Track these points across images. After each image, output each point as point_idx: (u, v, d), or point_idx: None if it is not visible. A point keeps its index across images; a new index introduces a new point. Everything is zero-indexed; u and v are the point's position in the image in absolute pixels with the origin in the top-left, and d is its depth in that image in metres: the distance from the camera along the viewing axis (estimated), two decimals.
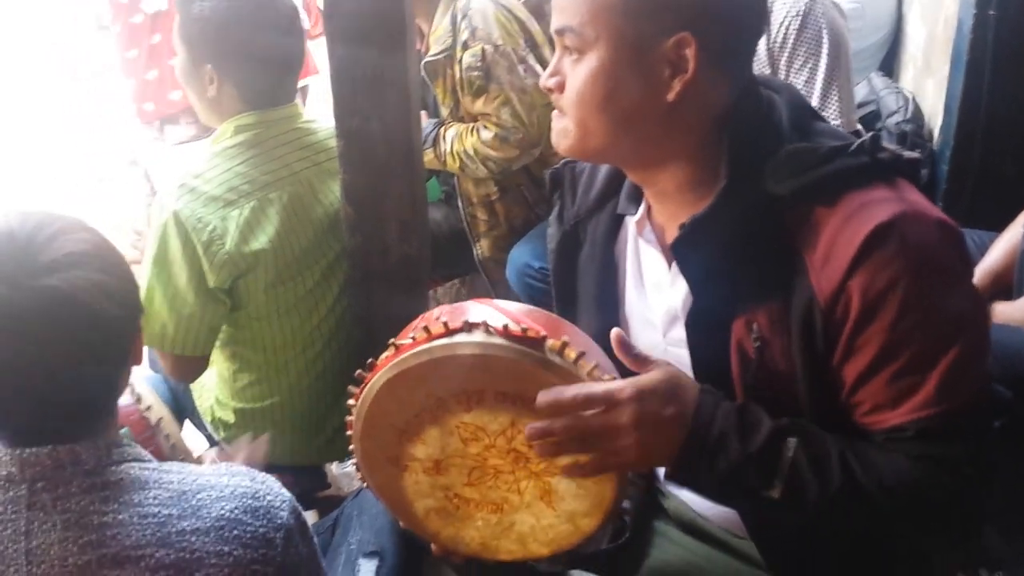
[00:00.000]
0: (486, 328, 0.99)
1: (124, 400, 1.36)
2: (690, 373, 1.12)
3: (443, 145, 2.38)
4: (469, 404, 1.04)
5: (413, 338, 1.02)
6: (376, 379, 1.06)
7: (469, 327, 1.00)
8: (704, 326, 1.09)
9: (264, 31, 1.73)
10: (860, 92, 2.82)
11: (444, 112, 2.39)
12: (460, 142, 2.34)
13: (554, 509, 1.09)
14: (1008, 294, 1.88)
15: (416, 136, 1.74)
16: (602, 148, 1.10)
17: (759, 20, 1.09)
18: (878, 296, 0.96)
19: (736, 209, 1.03)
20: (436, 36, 2.30)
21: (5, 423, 1.04)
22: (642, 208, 1.18)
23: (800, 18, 2.14)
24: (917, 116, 2.60)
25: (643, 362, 1.02)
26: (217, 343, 1.88)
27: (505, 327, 0.99)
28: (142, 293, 1.70)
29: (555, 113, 1.12)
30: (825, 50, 2.12)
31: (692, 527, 1.28)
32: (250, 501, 1.07)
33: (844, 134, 1.09)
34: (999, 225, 2.01)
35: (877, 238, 0.96)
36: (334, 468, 2.32)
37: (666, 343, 1.18)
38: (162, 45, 4.64)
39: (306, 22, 4.03)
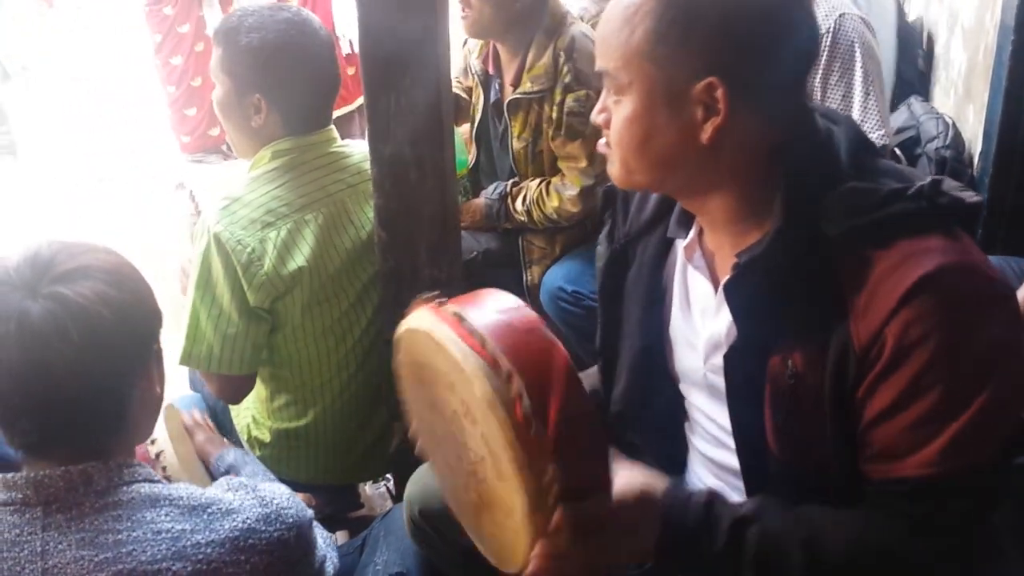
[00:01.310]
0: (510, 398, 0.95)
1: None
2: (726, 419, 1.15)
3: (513, 213, 2.40)
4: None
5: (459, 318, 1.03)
6: (420, 319, 1.09)
7: (498, 370, 0.96)
8: (741, 360, 1.10)
9: (310, 58, 1.78)
10: (900, 117, 2.80)
11: (517, 145, 2.37)
12: (539, 209, 2.35)
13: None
14: None
15: (449, 161, 1.77)
16: (647, 183, 1.14)
17: (798, 50, 1.06)
18: (910, 345, 0.96)
19: (790, 252, 1.03)
20: (534, 74, 2.29)
21: (16, 435, 1.07)
22: (692, 232, 1.19)
23: (831, 35, 2.15)
24: (957, 142, 2.57)
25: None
26: None
27: (525, 416, 0.94)
28: (187, 317, 1.76)
29: (605, 145, 1.15)
30: (859, 64, 2.13)
31: None
32: (259, 509, 1.10)
33: (904, 173, 1.07)
34: None
35: (919, 289, 0.95)
36: (367, 488, 2.34)
37: (706, 368, 1.19)
38: (202, 88, 4.78)
39: (346, 47, 4.12)
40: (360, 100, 4.36)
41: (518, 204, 2.39)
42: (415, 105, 1.66)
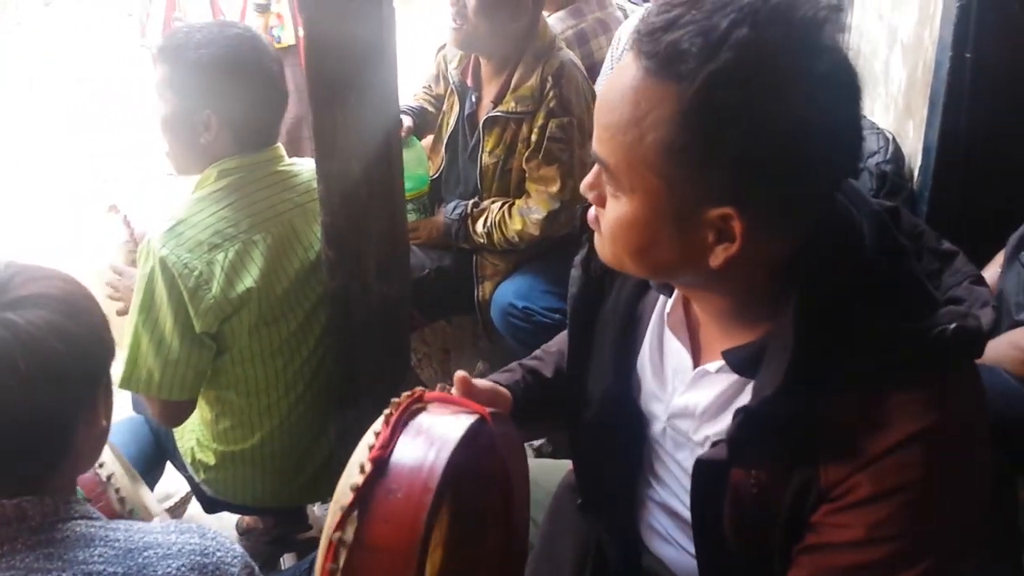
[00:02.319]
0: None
1: None
2: (689, 464, 1.10)
3: (472, 235, 2.40)
4: None
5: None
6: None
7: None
8: (711, 467, 1.03)
9: (261, 74, 1.76)
10: None
11: (487, 160, 2.36)
12: (500, 232, 2.35)
13: None
14: None
15: (397, 178, 1.76)
16: (640, 276, 1.08)
17: (835, 171, 0.93)
18: (881, 493, 0.91)
19: (797, 394, 0.92)
20: (519, 95, 2.29)
21: None
22: (676, 296, 1.12)
23: None
24: (897, 157, 2.61)
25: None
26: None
27: None
28: (128, 339, 1.72)
29: (592, 219, 1.04)
30: None
31: None
32: (198, 558, 1.05)
33: (928, 294, 0.96)
34: (977, 265, 2.01)
35: (906, 443, 0.90)
36: (316, 509, 2.31)
37: (668, 425, 1.15)
38: None
39: None
40: None
41: (479, 226, 2.38)
42: (362, 121, 1.65)
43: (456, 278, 2.50)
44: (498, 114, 2.31)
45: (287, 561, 2.18)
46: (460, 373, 1.11)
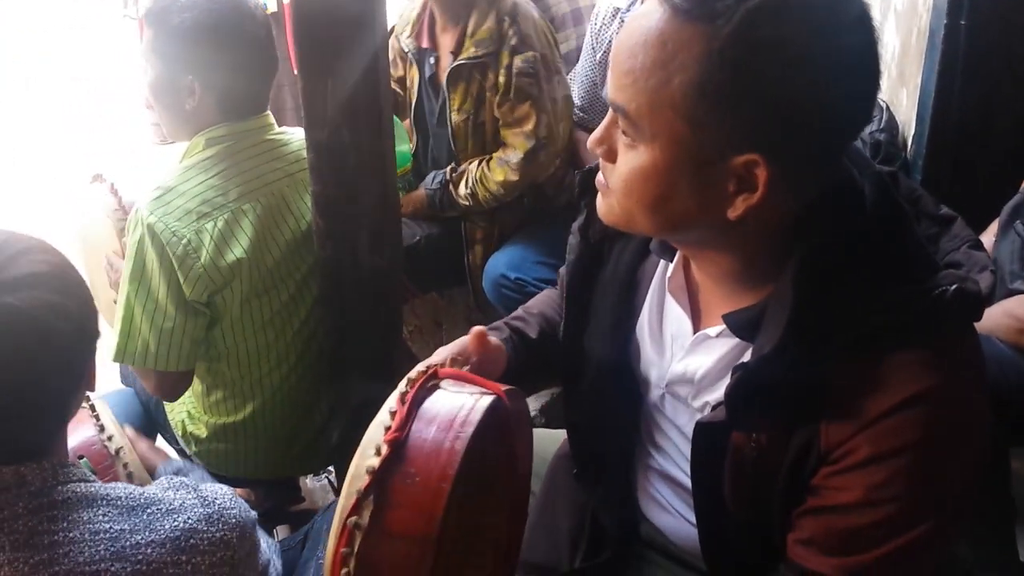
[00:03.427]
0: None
1: (88, 431, 1.36)
2: (682, 429, 1.12)
3: (457, 199, 2.38)
4: None
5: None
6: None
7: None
8: (711, 431, 1.03)
9: (244, 39, 1.73)
10: None
11: (456, 119, 2.35)
12: (483, 187, 2.34)
13: None
14: None
15: (388, 147, 1.74)
16: (648, 234, 1.05)
17: (855, 126, 0.94)
18: (881, 455, 0.91)
19: (795, 354, 0.92)
20: (478, 38, 2.28)
21: None
22: (677, 259, 1.10)
23: None
24: (891, 126, 2.60)
25: None
26: None
27: None
28: (120, 312, 1.70)
29: (600, 181, 1.01)
30: None
31: (664, 551, 1.28)
32: (201, 509, 1.08)
33: (927, 258, 0.97)
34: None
35: (907, 405, 0.90)
36: (308, 481, 2.31)
37: (666, 390, 1.15)
38: None
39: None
40: None
41: (461, 188, 2.37)
42: (352, 89, 1.62)
43: (446, 247, 2.49)
44: (461, 63, 2.29)
45: (280, 533, 2.18)
46: (477, 328, 1.10)
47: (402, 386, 0.98)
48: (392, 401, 0.97)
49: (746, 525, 1.06)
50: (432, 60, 2.42)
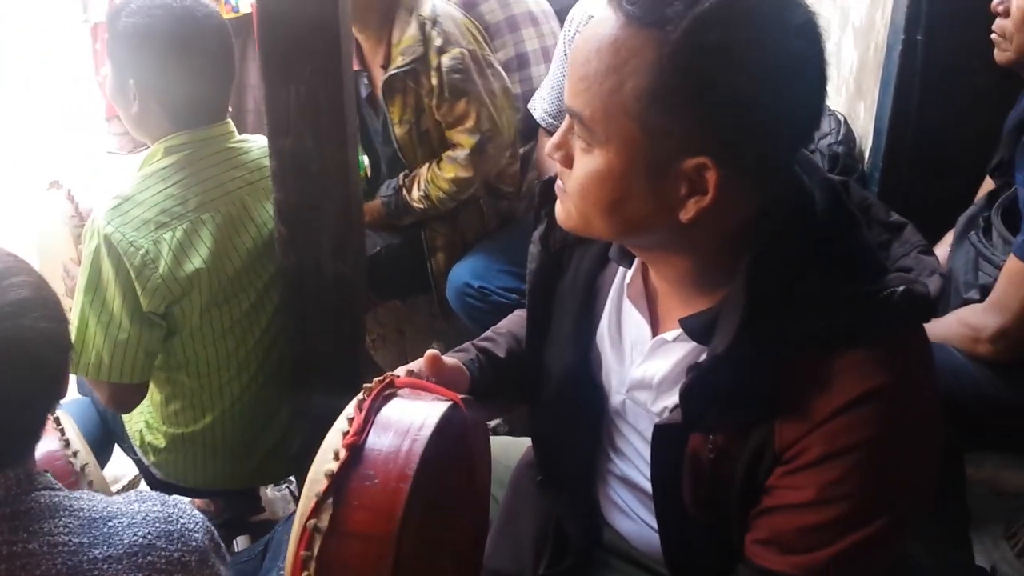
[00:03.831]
0: None
1: (52, 444, 1.35)
2: (643, 434, 1.13)
3: (411, 204, 2.37)
4: None
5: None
6: None
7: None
8: (669, 433, 1.04)
9: (186, 47, 1.70)
10: None
11: (400, 132, 2.34)
12: (436, 187, 2.32)
13: None
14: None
15: (352, 155, 1.73)
16: (605, 238, 1.06)
17: (804, 131, 0.96)
18: (835, 452, 0.93)
19: (749, 358, 0.94)
20: (403, 47, 2.27)
21: None
22: (636, 265, 1.12)
23: None
24: (849, 138, 2.64)
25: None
26: None
27: None
28: (74, 322, 1.67)
29: (559, 187, 1.03)
30: None
31: (627, 557, 1.29)
32: (163, 525, 1.05)
33: (876, 259, 0.99)
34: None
35: (859, 402, 0.91)
36: (268, 491, 2.29)
37: (627, 396, 1.15)
38: None
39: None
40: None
41: (414, 192, 2.36)
42: (316, 96, 1.62)
43: (407, 255, 2.49)
44: (393, 73, 2.28)
45: (240, 544, 2.16)
46: (431, 352, 1.11)
47: (360, 395, 1.00)
48: (350, 408, 0.98)
49: (706, 528, 1.07)
50: (365, 81, 2.42)
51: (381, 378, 1.03)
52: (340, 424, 0.97)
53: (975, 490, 1.87)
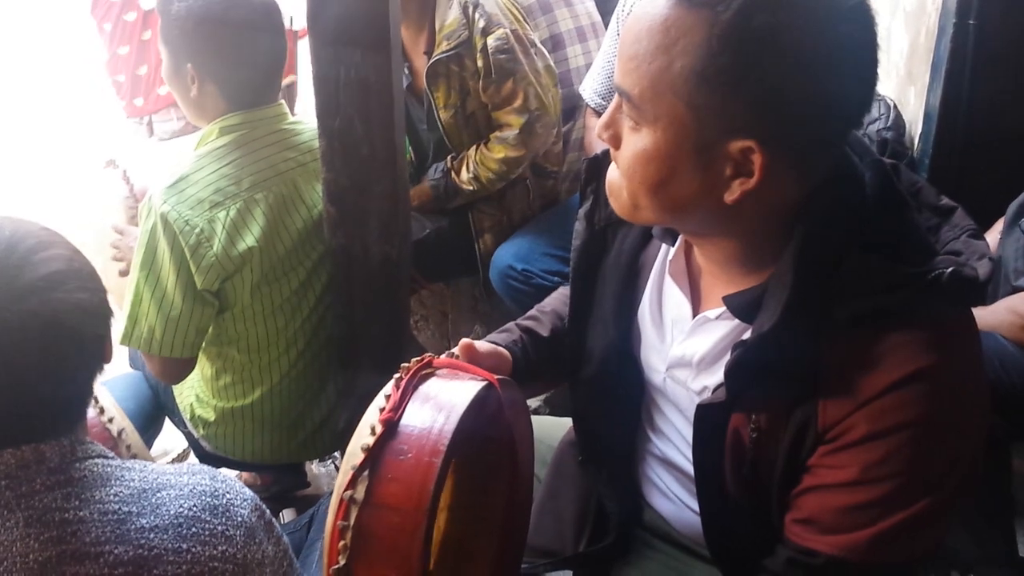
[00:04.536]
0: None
1: (88, 413, 1.38)
2: (685, 413, 1.13)
3: (460, 185, 2.39)
4: None
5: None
6: None
7: None
8: (712, 411, 1.05)
9: (240, 29, 1.74)
10: None
11: (445, 116, 2.35)
12: (485, 168, 2.34)
13: None
14: (983, 301, 1.90)
15: (400, 137, 1.75)
16: (652, 221, 1.06)
17: (851, 116, 0.95)
18: (880, 432, 0.92)
19: (795, 336, 0.94)
20: (447, 32, 2.28)
21: None
22: (679, 243, 1.12)
23: None
24: (899, 124, 2.61)
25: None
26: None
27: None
28: (129, 296, 1.72)
29: (612, 164, 1.03)
30: None
31: (667, 537, 1.30)
32: (209, 499, 1.07)
33: (926, 242, 0.98)
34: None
35: (907, 382, 0.91)
36: (314, 467, 2.33)
37: (667, 375, 1.16)
38: (152, 42, 4.71)
39: (293, 22, 4.06)
40: (291, 79, 4.32)
41: (463, 174, 2.38)
42: (365, 79, 1.64)
43: (455, 239, 2.50)
44: (437, 60, 2.29)
45: (285, 517, 2.20)
46: (465, 340, 1.13)
47: (398, 374, 1.03)
48: (388, 387, 1.02)
49: (747, 508, 1.07)
50: (407, 71, 2.43)
51: (419, 358, 1.05)
52: (378, 401, 1.00)
53: (1020, 479, 1.86)
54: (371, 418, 0.98)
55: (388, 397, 1.00)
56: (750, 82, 0.87)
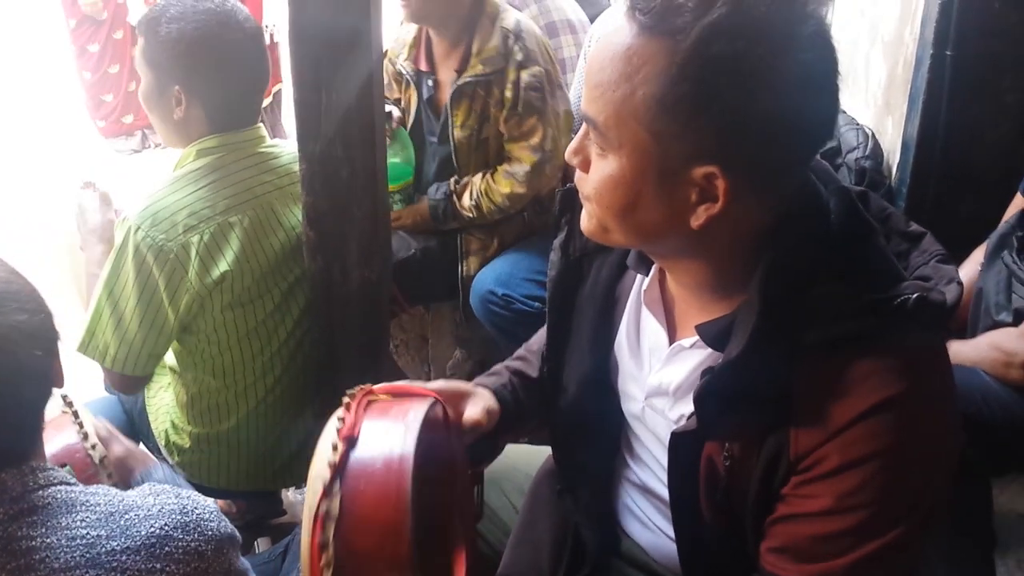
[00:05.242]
0: None
1: (71, 438, 1.36)
2: (663, 441, 1.12)
3: (460, 211, 2.40)
4: None
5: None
6: None
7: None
8: (686, 441, 1.05)
9: (232, 52, 1.74)
10: None
11: (460, 135, 2.37)
12: (488, 199, 2.35)
13: None
14: (962, 333, 1.90)
15: (381, 161, 1.75)
16: (623, 244, 1.07)
17: (814, 140, 0.96)
18: (850, 463, 0.92)
19: (763, 362, 0.95)
20: (484, 56, 2.30)
21: None
22: (653, 272, 1.13)
23: None
24: (876, 153, 2.64)
25: None
26: (176, 368, 1.88)
27: None
28: (91, 307, 1.71)
29: (582, 194, 1.04)
30: None
31: (645, 567, 1.29)
32: (179, 517, 1.06)
33: (892, 268, 0.99)
34: (955, 263, 2.03)
35: (876, 411, 0.91)
36: (290, 494, 2.30)
37: (646, 404, 1.16)
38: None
39: (275, 36, 4.09)
40: (275, 90, 4.33)
41: (465, 200, 2.38)
42: (346, 102, 1.63)
43: (441, 259, 2.50)
44: (467, 81, 2.31)
45: (261, 545, 2.17)
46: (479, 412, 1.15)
47: (345, 399, 1.06)
48: (339, 411, 1.04)
49: (722, 536, 1.07)
50: (430, 83, 2.44)
51: (360, 387, 1.09)
52: (332, 424, 1.02)
53: (1001, 514, 1.86)
54: (329, 438, 1.00)
55: (342, 419, 1.02)
56: (711, 110, 0.89)
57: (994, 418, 1.69)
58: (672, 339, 1.12)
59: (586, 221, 1.05)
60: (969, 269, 1.96)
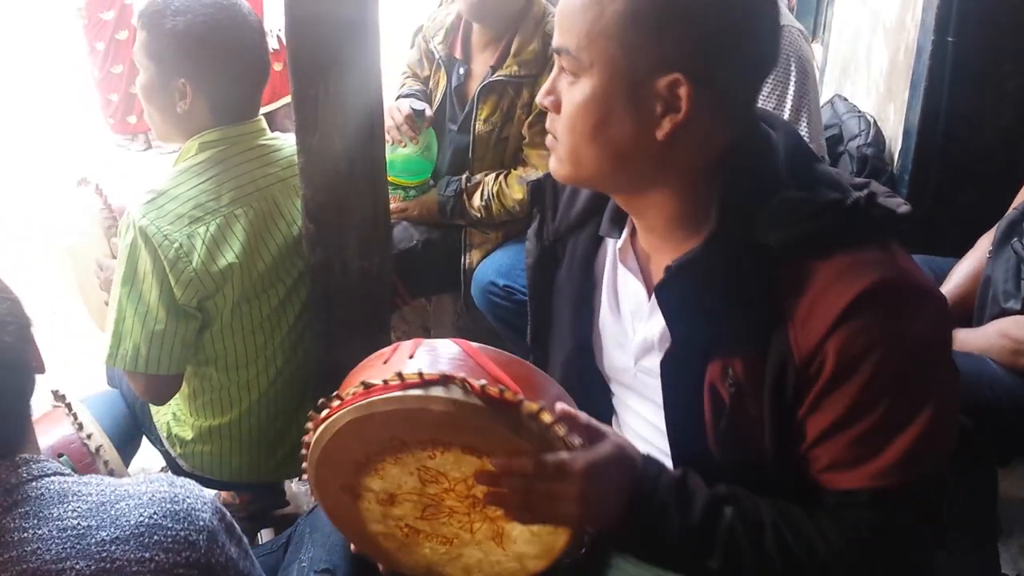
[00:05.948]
0: (464, 385, 0.98)
1: (66, 430, 1.36)
2: (660, 403, 1.14)
3: (469, 209, 2.40)
4: (434, 452, 1.04)
5: (385, 381, 1.02)
6: (340, 415, 1.06)
7: (446, 380, 0.99)
8: (679, 365, 1.08)
9: (237, 44, 1.74)
10: (823, 115, 2.85)
11: (481, 129, 2.36)
12: (499, 202, 2.36)
13: (504, 549, 1.11)
14: (969, 321, 1.89)
15: (380, 154, 1.74)
16: (594, 178, 1.10)
17: (767, 60, 1.06)
18: (852, 359, 0.96)
19: (723, 256, 1.02)
20: (523, 58, 2.30)
21: None
22: (625, 233, 1.17)
23: None
24: (878, 140, 2.63)
25: (593, 432, 1.05)
26: None
27: (483, 387, 0.98)
28: (112, 314, 1.70)
29: (549, 138, 1.11)
30: (793, 78, 2.13)
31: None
32: (169, 505, 1.06)
33: (840, 182, 1.06)
34: (957, 251, 2.03)
35: (861, 302, 0.95)
36: (293, 486, 2.30)
37: (636, 369, 1.18)
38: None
39: (274, 42, 4.06)
40: (286, 99, 4.32)
41: (475, 200, 2.38)
42: (344, 95, 1.63)
43: (443, 251, 2.50)
44: (499, 78, 2.30)
45: (263, 536, 2.18)
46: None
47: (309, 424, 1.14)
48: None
49: (730, 470, 1.09)
50: (462, 71, 2.43)
51: (329, 396, 1.13)
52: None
53: (1005, 501, 1.85)
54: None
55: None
56: (675, 21, 0.97)
57: (1001, 406, 1.69)
58: (650, 294, 1.14)
59: (556, 165, 1.10)
60: (974, 258, 1.96)
